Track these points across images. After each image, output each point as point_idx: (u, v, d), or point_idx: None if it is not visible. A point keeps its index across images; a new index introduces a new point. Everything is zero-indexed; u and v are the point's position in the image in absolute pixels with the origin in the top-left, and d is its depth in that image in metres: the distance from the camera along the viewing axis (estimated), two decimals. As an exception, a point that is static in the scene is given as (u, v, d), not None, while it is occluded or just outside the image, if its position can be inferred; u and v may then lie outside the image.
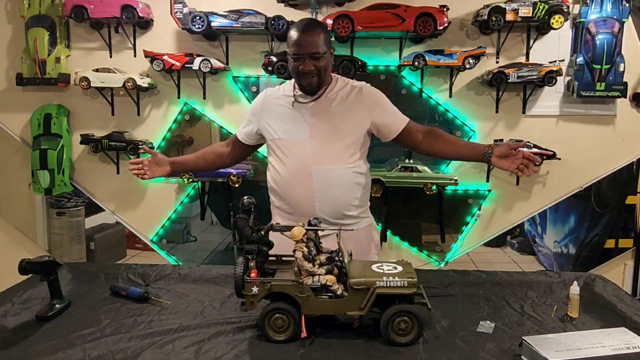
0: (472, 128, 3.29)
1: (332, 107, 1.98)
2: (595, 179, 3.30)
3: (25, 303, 1.82)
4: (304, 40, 1.89)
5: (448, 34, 3.17)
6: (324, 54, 1.91)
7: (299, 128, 1.98)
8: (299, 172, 1.96)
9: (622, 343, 1.41)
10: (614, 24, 3.04)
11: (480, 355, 1.46)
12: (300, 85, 1.99)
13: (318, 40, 1.89)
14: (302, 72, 1.92)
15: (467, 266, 4.01)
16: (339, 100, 1.99)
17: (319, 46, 1.90)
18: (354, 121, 1.99)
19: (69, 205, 4.25)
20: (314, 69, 1.91)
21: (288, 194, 1.99)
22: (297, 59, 1.91)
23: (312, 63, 1.90)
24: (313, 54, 1.89)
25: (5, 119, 3.48)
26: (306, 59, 1.89)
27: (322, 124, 1.97)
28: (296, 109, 2.00)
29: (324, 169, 1.95)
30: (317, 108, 1.99)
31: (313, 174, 1.94)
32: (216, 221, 3.70)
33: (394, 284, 1.51)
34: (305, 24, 1.94)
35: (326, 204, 1.96)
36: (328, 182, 1.95)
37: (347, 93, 2.01)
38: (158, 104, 3.42)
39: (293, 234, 1.57)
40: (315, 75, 1.92)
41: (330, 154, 1.96)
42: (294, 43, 1.90)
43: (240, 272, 1.57)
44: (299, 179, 1.96)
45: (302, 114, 1.99)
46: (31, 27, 3.26)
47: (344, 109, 1.98)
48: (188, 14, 3.11)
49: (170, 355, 1.46)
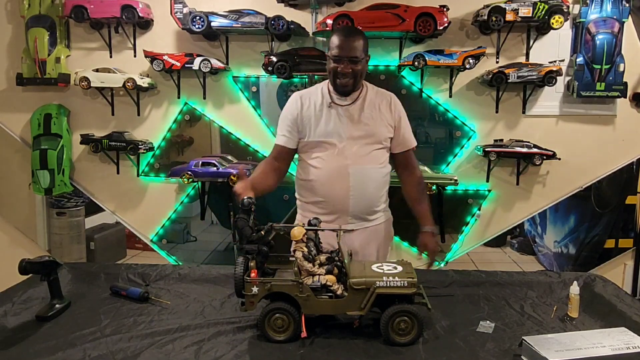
0: (472, 128, 3.29)
1: (366, 112, 2.13)
2: (595, 179, 3.30)
3: (25, 303, 1.82)
4: (346, 44, 2.04)
5: (448, 34, 3.17)
6: (362, 59, 2.06)
7: (337, 129, 2.11)
8: (337, 171, 2.09)
9: (622, 343, 1.41)
10: (614, 24, 3.04)
11: (480, 355, 1.46)
12: (335, 85, 2.11)
13: (358, 45, 2.05)
14: (340, 72, 2.05)
15: (467, 266, 4.01)
16: (371, 107, 2.15)
17: (358, 51, 2.04)
18: (385, 127, 2.15)
19: (69, 205, 4.25)
20: (351, 72, 2.04)
21: (325, 192, 2.11)
22: (337, 61, 2.05)
23: (350, 66, 2.04)
24: (352, 57, 2.03)
25: (5, 119, 3.48)
26: (345, 61, 2.03)
27: (358, 127, 2.11)
28: (333, 109, 2.13)
29: (360, 168, 2.10)
30: (352, 111, 2.13)
31: (350, 174, 2.08)
32: (216, 221, 3.70)
33: (394, 284, 1.51)
34: (349, 29, 2.19)
35: (359, 201, 2.11)
36: (363, 181, 2.11)
37: (378, 100, 2.17)
38: (158, 104, 3.42)
39: (293, 234, 1.58)
40: (351, 77, 2.06)
41: (366, 156, 2.12)
42: (337, 46, 2.04)
43: (240, 272, 1.57)
44: (338, 178, 2.09)
45: (339, 115, 2.12)
46: (31, 27, 3.25)
47: (376, 115, 2.14)
48: (188, 14, 3.10)
49: (170, 355, 1.46)
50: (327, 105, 2.13)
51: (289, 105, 2.21)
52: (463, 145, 3.31)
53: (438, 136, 3.41)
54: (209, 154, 3.47)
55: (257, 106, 3.38)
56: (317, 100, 2.16)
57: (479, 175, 3.32)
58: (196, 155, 3.40)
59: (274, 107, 3.39)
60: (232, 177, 3.24)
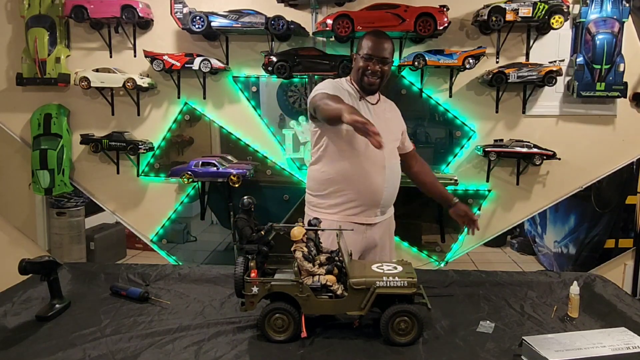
0: (472, 128, 3.29)
1: (386, 113, 2.28)
2: (595, 179, 3.30)
3: (25, 303, 1.82)
4: (379, 44, 2.14)
5: (448, 34, 3.17)
6: (390, 62, 2.20)
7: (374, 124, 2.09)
8: (375, 163, 2.15)
9: (622, 343, 1.41)
10: (614, 24, 3.04)
11: (480, 355, 1.46)
12: (361, 84, 2.19)
13: (388, 47, 2.17)
14: (370, 70, 2.14)
15: (467, 266, 4.01)
16: (388, 108, 2.31)
17: (388, 52, 2.16)
18: (399, 128, 2.33)
19: (69, 205, 4.25)
20: (380, 71, 2.15)
21: (362, 183, 2.14)
22: (368, 59, 2.14)
23: (379, 65, 2.14)
24: (384, 58, 2.14)
25: (5, 119, 3.48)
26: (376, 60, 2.13)
27: (384, 125, 2.11)
28: (363, 104, 2.20)
29: (393, 163, 2.23)
30: (378, 110, 2.23)
31: (386, 167, 2.17)
32: (216, 221, 3.70)
33: (394, 284, 1.51)
34: (381, 32, 2.24)
35: (390, 194, 2.23)
36: (394, 175, 2.23)
37: (388, 104, 2.34)
38: (158, 104, 3.42)
39: (293, 234, 1.58)
40: (379, 77, 2.16)
41: (394, 152, 2.26)
42: (369, 46, 2.14)
43: (240, 272, 1.57)
44: (376, 170, 2.15)
45: (369, 110, 2.20)
46: (31, 27, 3.25)
47: (392, 117, 2.32)
48: (188, 14, 3.10)
49: (170, 355, 1.46)
50: (357, 99, 2.19)
51: (333, 82, 2.20)
52: (463, 145, 3.31)
53: (438, 136, 3.41)
54: (209, 154, 3.47)
55: (257, 106, 3.38)
56: (349, 91, 2.20)
57: (479, 175, 3.32)
58: (196, 155, 3.39)
59: (274, 107, 3.40)
60: (232, 177, 3.24)
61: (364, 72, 2.16)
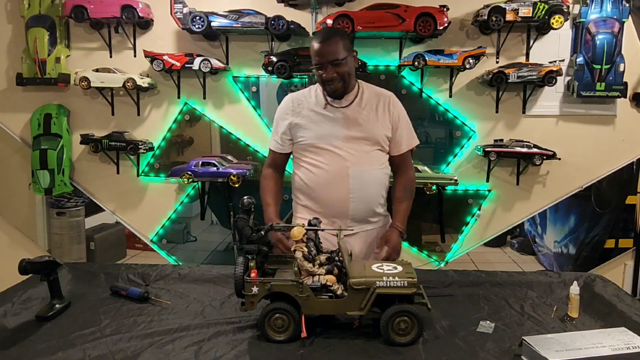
0: (472, 128, 3.29)
1: (364, 113, 2.08)
2: (595, 179, 3.30)
3: (25, 303, 1.82)
4: (324, 49, 1.98)
5: (448, 34, 3.17)
6: (344, 59, 1.99)
7: (333, 132, 2.06)
8: (336, 175, 2.04)
9: (622, 343, 1.41)
10: (614, 24, 3.04)
11: (480, 355, 1.46)
12: (327, 92, 2.07)
13: (337, 47, 1.98)
14: (326, 79, 2.00)
15: (467, 266, 4.01)
16: (368, 108, 2.09)
17: (338, 53, 1.97)
18: (383, 128, 2.10)
19: (69, 205, 4.25)
20: (337, 75, 1.99)
21: (323, 195, 2.07)
22: (319, 68, 2.00)
23: (333, 70, 1.98)
24: (333, 61, 1.97)
25: (5, 119, 3.48)
26: (328, 66, 1.98)
27: (356, 128, 2.06)
28: (329, 112, 2.08)
29: (360, 171, 2.05)
30: (349, 113, 2.08)
31: (350, 176, 2.04)
32: (216, 221, 3.70)
33: (394, 284, 1.51)
34: (324, 33, 2.06)
35: (359, 204, 2.07)
36: (363, 183, 2.06)
37: (375, 101, 2.11)
38: (158, 104, 3.42)
39: (293, 234, 1.58)
40: (339, 80, 2.01)
41: (366, 157, 2.07)
42: (315, 53, 2.00)
43: (240, 272, 1.57)
44: (337, 181, 2.04)
45: (335, 118, 2.07)
46: (31, 27, 3.25)
47: (373, 116, 2.09)
48: (188, 14, 3.10)
49: (170, 355, 1.46)
50: (322, 107, 2.09)
51: (281, 108, 2.18)
52: (463, 145, 3.31)
53: (438, 136, 3.41)
54: (209, 154, 3.47)
55: (257, 106, 3.38)
56: (310, 102, 2.12)
57: (479, 175, 3.32)
58: (196, 155, 3.40)
59: (274, 107, 3.33)
60: (232, 177, 3.24)
61: (322, 82, 2.04)
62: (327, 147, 2.06)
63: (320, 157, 2.07)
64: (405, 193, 2.18)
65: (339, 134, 2.06)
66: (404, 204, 2.16)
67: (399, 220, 2.12)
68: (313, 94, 2.14)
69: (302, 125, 2.10)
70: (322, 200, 2.08)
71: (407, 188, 2.19)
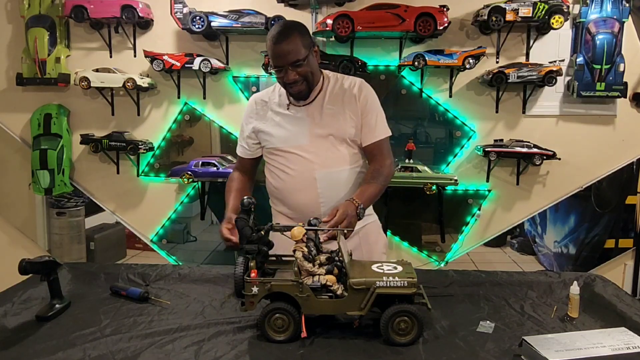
0: (472, 128, 3.29)
1: (327, 107, 1.93)
2: (595, 179, 3.30)
3: (25, 303, 1.82)
4: (280, 50, 1.81)
5: (448, 34, 3.17)
6: (305, 59, 1.83)
7: (297, 133, 1.94)
8: (302, 178, 1.93)
9: (622, 343, 1.41)
10: (614, 24, 3.04)
11: (480, 355, 1.46)
12: (291, 95, 1.94)
13: (294, 47, 1.81)
14: (287, 82, 1.86)
15: (467, 266, 4.01)
16: (333, 100, 1.94)
17: (297, 53, 1.81)
18: (350, 120, 1.93)
19: (69, 205, 4.25)
20: (299, 77, 1.84)
21: (291, 200, 1.97)
22: (279, 71, 1.85)
23: (294, 71, 1.83)
24: (292, 63, 1.82)
25: (5, 119, 3.48)
26: (288, 69, 1.83)
27: (320, 125, 1.93)
28: (292, 112, 1.95)
29: (328, 172, 1.92)
30: (312, 110, 1.94)
31: (317, 179, 1.91)
32: (216, 221, 3.70)
33: (394, 284, 1.51)
34: (277, 32, 1.82)
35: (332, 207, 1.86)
36: (333, 185, 1.93)
37: (342, 91, 1.96)
38: (158, 104, 3.42)
39: (293, 234, 1.57)
40: (301, 82, 1.86)
41: (333, 157, 1.93)
42: (271, 55, 1.84)
43: (240, 272, 1.57)
44: (303, 185, 1.93)
45: (299, 117, 1.94)
46: (31, 27, 3.25)
47: (339, 108, 1.93)
48: (188, 14, 3.11)
49: (170, 355, 1.46)
50: (285, 107, 1.96)
51: (245, 111, 2.06)
52: (463, 145, 3.32)
53: (438, 136, 3.42)
54: (209, 154, 3.48)
55: (256, 106, 3.38)
56: (273, 103, 1.99)
57: (479, 175, 3.32)
58: (196, 155, 3.40)
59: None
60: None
61: (284, 85, 1.89)
62: (292, 150, 1.94)
63: (286, 161, 1.95)
64: (374, 176, 1.92)
65: (303, 134, 1.93)
66: (371, 186, 1.89)
67: (358, 197, 1.82)
68: (277, 93, 2.01)
69: (265, 129, 1.98)
70: (292, 205, 1.98)
71: (377, 171, 1.94)
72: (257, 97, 2.06)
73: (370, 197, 1.88)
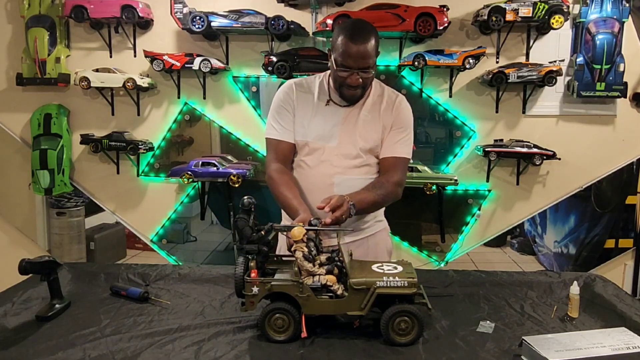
0: (472, 128, 3.29)
1: (363, 113, 1.91)
2: (595, 179, 3.30)
3: (25, 303, 1.82)
4: (356, 51, 1.74)
5: (448, 34, 3.17)
6: (374, 65, 1.80)
7: (330, 133, 1.90)
8: (321, 179, 1.91)
9: (622, 343, 1.41)
10: (614, 24, 3.04)
11: (480, 355, 1.46)
12: (343, 96, 1.88)
13: (370, 51, 1.76)
14: (348, 84, 1.80)
15: (467, 266, 4.01)
16: (370, 107, 1.92)
17: (370, 58, 1.76)
18: (380, 129, 1.92)
19: (69, 205, 4.25)
20: (362, 82, 1.80)
21: (304, 198, 1.92)
22: (344, 70, 1.78)
23: (360, 76, 1.78)
24: (363, 67, 1.77)
25: (5, 119, 3.48)
26: (355, 72, 1.77)
27: (351, 129, 1.90)
28: (331, 110, 1.91)
29: (346, 179, 1.90)
30: (350, 113, 1.91)
31: (335, 184, 1.89)
32: (216, 221, 3.70)
33: (394, 284, 1.51)
34: (357, 31, 1.74)
35: None
36: (348, 192, 1.84)
37: (380, 100, 1.93)
38: (158, 104, 3.42)
39: (293, 234, 1.57)
40: (360, 87, 1.83)
41: (356, 164, 1.91)
42: (344, 53, 1.75)
43: (240, 272, 1.57)
44: (320, 186, 1.90)
45: (335, 116, 1.90)
46: (31, 27, 3.25)
47: (374, 116, 1.91)
48: (188, 14, 3.10)
49: (170, 355, 1.46)
50: (324, 102, 1.91)
51: (283, 93, 1.95)
52: (463, 145, 3.32)
53: (438, 136, 3.42)
54: (209, 154, 3.47)
55: (257, 106, 3.38)
56: (314, 93, 1.93)
57: (479, 175, 3.32)
58: (196, 155, 3.40)
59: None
60: (232, 177, 3.24)
61: (341, 84, 1.82)
62: (319, 148, 1.91)
63: (310, 158, 1.92)
64: (375, 186, 1.87)
65: (335, 135, 1.90)
66: (370, 193, 1.83)
67: (351, 195, 1.76)
68: (317, 84, 1.95)
69: (302, 118, 1.92)
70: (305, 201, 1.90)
71: (381, 183, 1.89)
72: (297, 82, 1.97)
73: (366, 203, 1.81)
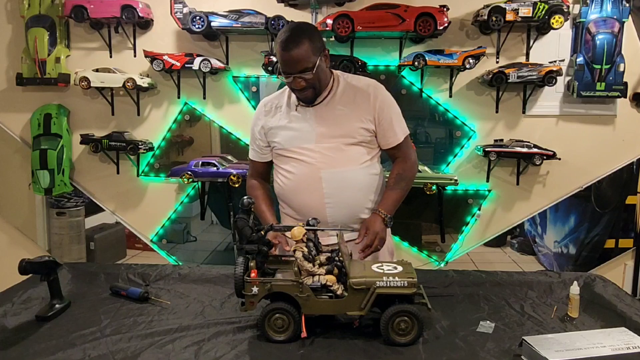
0: (472, 128, 3.29)
1: (338, 108, 1.92)
2: (595, 179, 3.30)
3: (25, 303, 1.82)
4: (289, 58, 1.79)
5: (448, 34, 3.17)
6: (314, 66, 1.80)
7: (305, 134, 1.93)
8: (307, 178, 1.91)
9: (622, 343, 1.41)
10: (614, 24, 3.04)
11: (480, 355, 1.46)
12: (298, 99, 1.94)
13: (304, 54, 1.78)
14: (295, 88, 1.87)
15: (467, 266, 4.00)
16: (344, 101, 1.93)
17: (306, 61, 1.79)
18: (361, 121, 1.92)
19: (69, 205, 4.24)
20: (305, 84, 1.83)
21: (297, 201, 1.96)
22: (287, 77, 1.84)
23: (301, 78, 1.81)
24: (301, 71, 1.80)
25: (5, 119, 3.48)
26: (295, 76, 1.81)
27: (329, 126, 1.92)
28: (300, 113, 1.95)
29: (334, 172, 1.90)
30: (322, 111, 1.93)
31: (323, 179, 1.89)
32: (216, 221, 3.70)
33: (394, 284, 1.51)
34: (286, 38, 1.79)
35: (339, 209, 1.92)
36: (340, 186, 1.90)
37: (354, 91, 1.94)
38: (158, 104, 3.42)
39: (293, 234, 1.57)
40: (309, 88, 1.85)
41: (340, 157, 1.90)
42: (280, 60, 1.83)
43: (240, 272, 1.57)
44: (308, 185, 1.91)
45: (307, 118, 1.94)
46: (31, 27, 3.25)
47: (350, 109, 1.92)
48: (188, 14, 3.10)
49: (170, 355, 1.46)
50: (293, 108, 1.95)
51: (255, 114, 2.08)
52: (463, 145, 3.32)
53: (438, 136, 3.41)
54: (209, 154, 3.47)
55: (257, 106, 3.37)
56: (282, 105, 1.99)
57: (479, 175, 3.32)
58: (196, 155, 3.40)
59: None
60: (232, 177, 3.24)
61: (291, 90, 1.90)
62: (299, 150, 1.93)
63: (293, 161, 1.95)
64: (397, 181, 1.96)
65: (310, 135, 1.92)
66: (395, 192, 1.95)
67: (383, 206, 1.90)
68: (286, 94, 2.01)
69: (273, 130, 1.99)
70: (297, 206, 1.97)
71: (400, 176, 1.97)
72: (266, 100, 2.08)
73: (395, 203, 1.95)
